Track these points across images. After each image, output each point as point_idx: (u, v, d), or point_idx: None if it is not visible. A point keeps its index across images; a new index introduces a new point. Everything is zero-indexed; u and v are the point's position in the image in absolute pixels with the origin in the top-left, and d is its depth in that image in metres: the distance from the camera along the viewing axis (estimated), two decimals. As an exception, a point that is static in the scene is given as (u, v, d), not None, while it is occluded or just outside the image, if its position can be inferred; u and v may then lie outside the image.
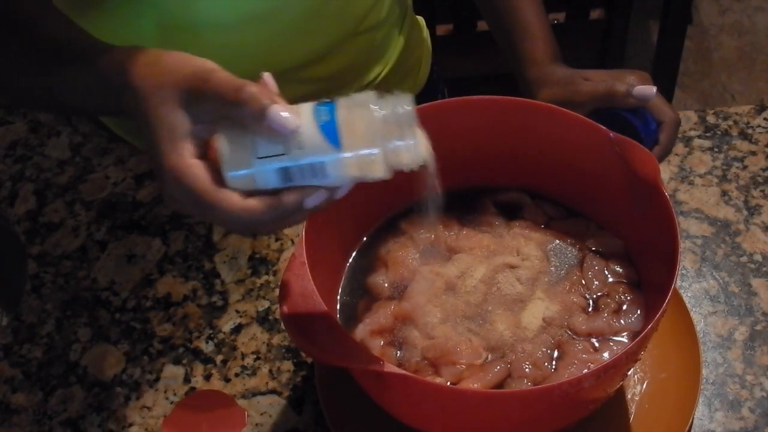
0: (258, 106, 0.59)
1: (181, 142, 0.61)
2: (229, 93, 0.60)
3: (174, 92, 0.62)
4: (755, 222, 0.99)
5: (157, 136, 0.62)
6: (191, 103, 0.62)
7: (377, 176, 0.61)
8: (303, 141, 0.60)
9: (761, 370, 0.88)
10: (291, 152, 0.60)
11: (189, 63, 0.63)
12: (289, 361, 0.91)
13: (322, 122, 0.60)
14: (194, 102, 0.62)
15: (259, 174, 0.61)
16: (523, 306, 0.80)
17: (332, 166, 0.60)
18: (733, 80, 2.35)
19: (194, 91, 0.61)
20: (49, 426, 0.88)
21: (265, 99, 0.59)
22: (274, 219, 0.62)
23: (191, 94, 0.62)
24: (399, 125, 0.61)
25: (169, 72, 0.63)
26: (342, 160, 0.60)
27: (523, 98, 0.85)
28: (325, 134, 0.60)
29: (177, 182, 0.61)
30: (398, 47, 1.11)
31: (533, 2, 0.99)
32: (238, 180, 0.61)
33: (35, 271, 1.00)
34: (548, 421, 0.76)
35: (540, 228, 0.87)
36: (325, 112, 0.60)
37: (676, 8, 1.75)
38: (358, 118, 0.60)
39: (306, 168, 0.60)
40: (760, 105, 1.10)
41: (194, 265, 0.99)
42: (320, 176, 0.60)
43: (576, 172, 0.86)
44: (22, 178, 1.09)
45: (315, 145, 0.59)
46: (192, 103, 0.62)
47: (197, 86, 0.61)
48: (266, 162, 0.60)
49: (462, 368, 0.76)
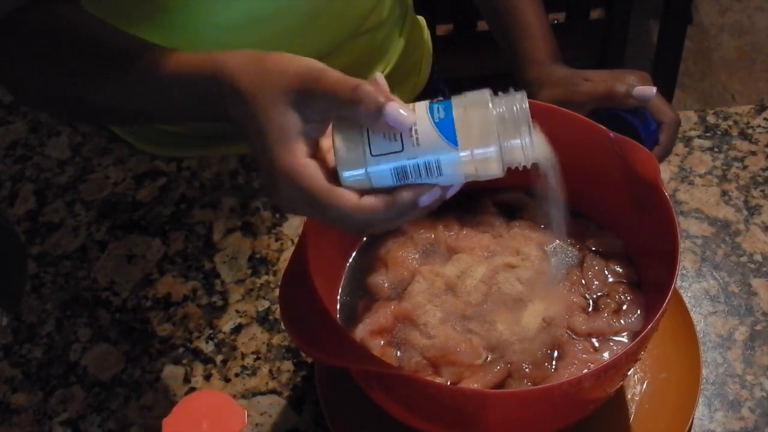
0: (375, 103, 0.59)
1: (294, 143, 0.61)
2: (344, 92, 0.60)
3: (284, 93, 0.61)
4: (755, 222, 0.99)
5: (268, 138, 0.61)
6: (302, 103, 0.61)
7: (492, 174, 0.61)
8: (419, 138, 0.60)
9: (761, 370, 0.88)
10: (407, 149, 0.60)
11: (296, 63, 0.63)
12: (289, 361, 0.91)
13: (437, 120, 0.60)
14: (305, 102, 0.61)
15: (375, 173, 0.60)
16: (523, 306, 0.80)
17: (448, 164, 0.60)
18: (733, 80, 2.35)
19: (305, 91, 0.61)
20: (49, 426, 0.88)
21: (382, 97, 0.59)
22: (390, 218, 0.62)
23: (302, 94, 0.61)
24: (515, 123, 0.61)
25: (276, 73, 0.62)
26: (458, 158, 0.60)
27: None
28: (442, 132, 0.59)
29: (292, 183, 0.61)
30: (399, 47, 1.11)
31: (533, 2, 0.99)
32: (353, 179, 0.61)
33: (35, 271, 1.00)
34: (548, 421, 0.76)
35: (540, 228, 0.87)
36: (441, 110, 0.60)
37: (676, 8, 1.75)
38: (473, 116, 0.60)
39: (422, 166, 0.60)
40: (760, 105, 1.11)
41: (194, 265, 0.99)
42: (435, 174, 0.60)
43: (576, 172, 0.85)
44: (22, 178, 1.09)
45: (431, 142, 0.59)
46: (303, 103, 0.61)
47: (308, 86, 0.61)
48: (382, 160, 0.60)
49: (462, 368, 0.76)
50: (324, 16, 0.96)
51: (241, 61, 0.64)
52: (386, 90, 0.61)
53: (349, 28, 1.00)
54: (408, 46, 1.13)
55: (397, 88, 1.13)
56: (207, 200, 1.04)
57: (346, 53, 1.02)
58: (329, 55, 1.00)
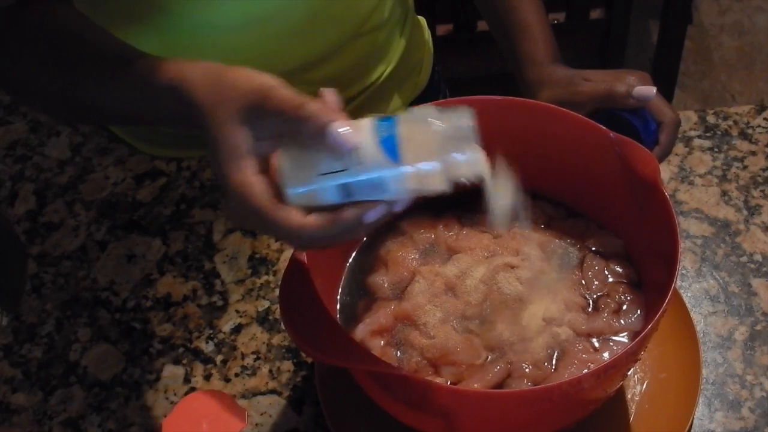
0: (319, 123, 0.60)
1: (244, 160, 0.62)
2: (290, 110, 0.61)
3: (235, 109, 0.62)
4: (755, 222, 0.99)
5: (221, 154, 0.62)
6: (252, 120, 0.62)
7: (437, 189, 0.61)
8: (363, 157, 0.60)
9: (761, 370, 0.88)
10: (351, 168, 0.60)
11: (252, 79, 0.63)
12: (289, 361, 0.91)
13: (382, 138, 0.60)
14: (255, 119, 0.62)
15: (320, 190, 0.61)
16: (523, 306, 0.80)
17: (392, 180, 0.60)
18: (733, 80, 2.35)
19: (255, 109, 0.62)
20: (49, 426, 0.88)
21: (327, 116, 0.60)
22: (335, 234, 0.62)
23: (252, 112, 0.62)
24: (458, 139, 0.61)
25: (231, 89, 0.63)
26: (402, 175, 0.60)
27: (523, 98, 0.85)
28: (385, 149, 0.60)
29: (240, 199, 0.62)
30: (400, 48, 1.11)
31: (533, 2, 0.99)
32: (298, 196, 0.62)
33: (35, 271, 1.00)
34: (548, 421, 0.76)
35: (540, 228, 0.87)
36: (385, 128, 0.61)
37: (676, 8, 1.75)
38: (417, 132, 0.61)
39: (366, 183, 0.61)
40: (760, 105, 1.11)
41: (194, 265, 0.99)
42: (380, 191, 0.61)
43: (576, 172, 0.86)
44: (22, 178, 1.09)
45: (375, 160, 0.60)
46: (253, 120, 0.62)
47: (258, 103, 0.62)
48: (327, 178, 0.61)
49: (462, 368, 0.76)
50: (324, 17, 0.96)
51: (201, 75, 0.65)
52: (334, 107, 0.62)
53: (350, 29, 1.00)
54: (409, 47, 1.13)
55: (397, 89, 1.13)
56: (207, 200, 1.04)
57: (346, 54, 1.02)
58: (330, 56, 1.00)
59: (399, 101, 1.13)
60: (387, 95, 1.12)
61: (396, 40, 1.10)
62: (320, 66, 1.00)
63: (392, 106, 1.12)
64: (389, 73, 1.10)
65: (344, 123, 0.60)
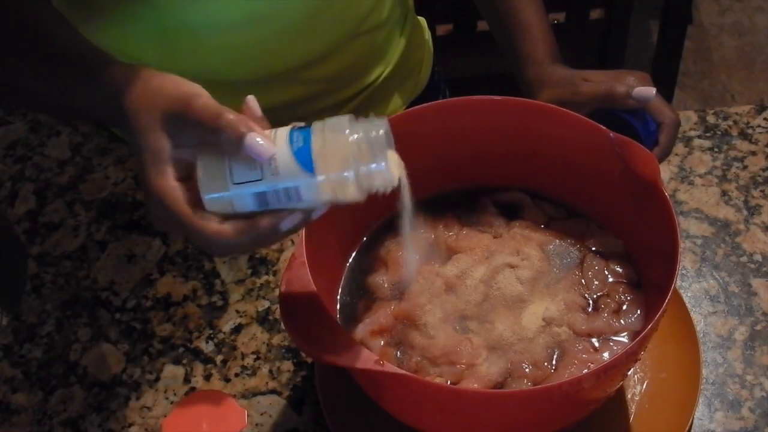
0: (235, 133, 0.61)
1: (164, 165, 0.63)
2: (208, 120, 0.62)
3: (158, 116, 0.64)
4: (755, 222, 0.99)
5: (143, 158, 0.64)
6: (173, 127, 0.64)
7: (350, 199, 0.63)
8: (278, 167, 0.61)
9: (761, 370, 0.88)
10: (267, 178, 0.62)
11: (175, 86, 0.65)
12: (289, 361, 0.91)
13: (296, 148, 0.62)
14: (176, 127, 0.63)
15: (236, 198, 0.63)
16: (523, 306, 0.80)
17: (306, 190, 0.62)
18: (733, 80, 2.35)
19: (176, 116, 0.63)
20: (49, 426, 0.88)
21: (243, 127, 0.61)
22: (250, 242, 0.64)
23: (173, 119, 0.63)
24: (371, 149, 0.62)
25: (156, 95, 0.65)
26: (315, 185, 0.62)
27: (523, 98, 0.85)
28: (299, 160, 0.61)
29: (160, 204, 0.63)
30: (399, 48, 1.11)
31: (533, 2, 0.99)
32: (215, 203, 0.63)
33: (35, 271, 1.00)
34: (548, 421, 0.76)
35: (540, 228, 0.87)
36: (300, 138, 0.62)
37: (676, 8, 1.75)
38: (331, 142, 0.62)
39: (281, 192, 0.62)
40: (760, 105, 1.11)
41: (194, 265, 0.99)
42: (295, 200, 0.62)
43: (576, 172, 0.86)
44: (22, 178, 1.09)
45: (289, 170, 0.61)
46: (174, 128, 0.64)
47: (179, 111, 0.63)
48: (243, 187, 0.62)
49: (462, 368, 0.76)
50: (322, 16, 0.96)
51: (131, 80, 0.67)
52: (255, 115, 0.64)
53: (348, 29, 1.00)
54: (408, 47, 1.13)
55: (397, 89, 1.13)
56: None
57: (345, 54, 1.02)
58: (329, 55, 1.00)
59: (399, 101, 1.13)
60: (387, 95, 1.12)
61: (395, 40, 1.10)
62: (319, 65, 1.00)
63: (392, 106, 1.12)
64: (389, 73, 1.10)
65: (260, 133, 0.61)
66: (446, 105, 0.85)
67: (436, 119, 0.84)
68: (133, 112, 0.65)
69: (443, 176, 0.88)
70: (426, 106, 0.84)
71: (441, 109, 0.84)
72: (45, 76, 0.76)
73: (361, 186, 0.63)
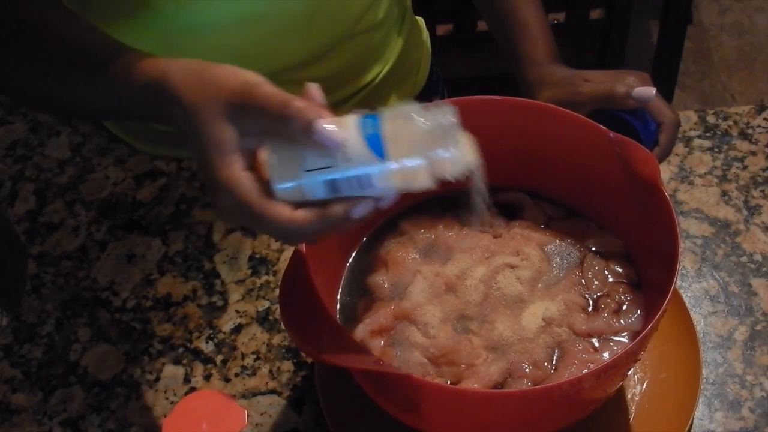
0: (304, 120, 0.60)
1: (231, 156, 0.62)
2: (275, 108, 0.61)
3: (220, 106, 0.62)
4: (755, 222, 1.00)
5: (207, 150, 0.63)
6: (237, 116, 0.62)
7: (422, 187, 0.62)
8: (349, 154, 0.61)
9: (761, 370, 0.88)
10: (338, 165, 0.61)
11: (235, 76, 0.63)
12: (289, 361, 0.91)
13: (367, 135, 0.61)
14: (240, 116, 0.62)
15: (307, 186, 0.62)
16: (523, 306, 0.80)
17: (378, 177, 0.61)
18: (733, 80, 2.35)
19: (240, 106, 0.62)
20: (49, 426, 0.88)
21: (312, 113, 0.60)
22: (322, 229, 0.63)
23: (237, 108, 0.62)
24: (443, 136, 0.62)
25: (214, 85, 0.63)
26: (387, 172, 0.61)
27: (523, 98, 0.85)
28: (371, 146, 0.61)
29: (228, 194, 0.62)
30: (397, 48, 1.11)
31: (533, 3, 0.99)
32: (286, 192, 0.62)
33: (35, 271, 1.00)
34: (548, 421, 0.76)
35: (540, 228, 0.87)
36: (371, 125, 0.61)
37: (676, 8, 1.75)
38: (402, 129, 0.61)
39: (353, 180, 0.61)
40: (760, 105, 1.11)
41: (194, 265, 0.99)
42: (366, 187, 0.61)
43: (576, 172, 0.86)
44: (22, 178, 1.09)
45: (361, 157, 0.61)
46: (238, 117, 0.62)
47: (243, 101, 0.62)
48: (314, 174, 0.61)
49: (462, 368, 0.76)
50: (318, 16, 0.96)
51: (183, 71, 0.66)
52: (319, 103, 0.62)
53: (344, 29, 1.00)
54: (406, 47, 1.13)
55: (395, 89, 1.13)
56: (207, 200, 1.04)
57: (341, 54, 1.02)
58: (325, 55, 1.00)
59: (396, 101, 1.14)
60: (384, 95, 1.12)
61: (393, 40, 1.10)
62: (314, 65, 1.00)
63: (390, 107, 1.13)
64: (386, 73, 1.10)
65: (330, 120, 0.60)
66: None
67: (436, 119, 0.84)
68: (191, 105, 0.64)
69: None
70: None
71: (441, 109, 0.84)
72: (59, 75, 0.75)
73: (433, 173, 0.62)
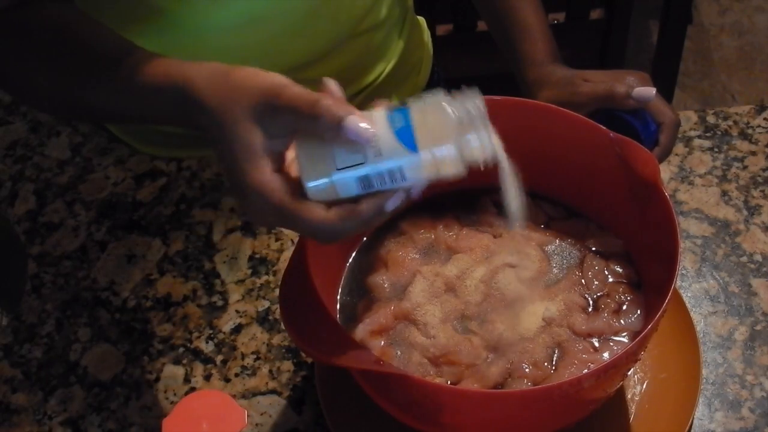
0: (335, 118, 0.60)
1: (260, 159, 0.62)
2: (305, 107, 0.61)
3: (247, 109, 0.63)
4: (755, 222, 0.99)
5: (235, 154, 0.63)
6: (265, 118, 0.62)
7: (453, 173, 0.62)
8: (380, 148, 0.61)
9: (761, 370, 0.88)
10: (370, 160, 0.61)
11: (260, 79, 0.63)
12: (289, 361, 0.91)
13: (397, 128, 0.61)
14: (268, 118, 0.62)
15: (340, 183, 0.62)
16: (523, 306, 0.80)
17: (410, 169, 0.61)
18: (733, 80, 2.35)
19: (268, 107, 0.62)
20: (49, 426, 0.88)
21: (341, 110, 0.61)
22: (357, 225, 0.63)
23: (265, 111, 0.62)
24: (471, 122, 0.62)
25: (240, 88, 0.63)
26: (419, 163, 0.61)
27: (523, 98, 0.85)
28: (401, 139, 0.61)
29: (261, 198, 0.62)
30: (398, 48, 1.11)
31: (532, 2, 0.99)
32: (318, 190, 0.62)
33: (35, 271, 1.00)
34: (548, 421, 0.76)
35: (540, 228, 0.87)
36: (400, 118, 0.62)
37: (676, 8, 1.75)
38: (431, 119, 0.62)
39: (385, 174, 0.62)
40: (760, 105, 1.11)
41: (194, 265, 0.99)
42: (398, 180, 0.62)
43: (576, 172, 0.86)
44: (22, 178, 1.09)
45: (392, 150, 0.61)
46: (266, 119, 0.62)
47: (270, 102, 0.62)
48: (346, 171, 0.62)
49: (462, 368, 0.76)
50: (319, 17, 0.96)
51: (208, 75, 0.66)
52: (340, 97, 0.63)
53: (346, 30, 1.00)
54: (407, 47, 1.13)
55: (396, 89, 1.13)
56: (207, 200, 1.04)
57: (342, 54, 1.02)
58: (327, 55, 1.00)
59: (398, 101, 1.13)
60: (386, 96, 1.12)
61: (394, 40, 1.10)
62: (317, 65, 1.00)
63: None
64: (387, 73, 1.10)
65: (359, 116, 0.61)
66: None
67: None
68: (217, 107, 0.64)
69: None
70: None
71: (441, 109, 0.84)
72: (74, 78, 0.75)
73: (462, 159, 0.62)
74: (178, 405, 0.72)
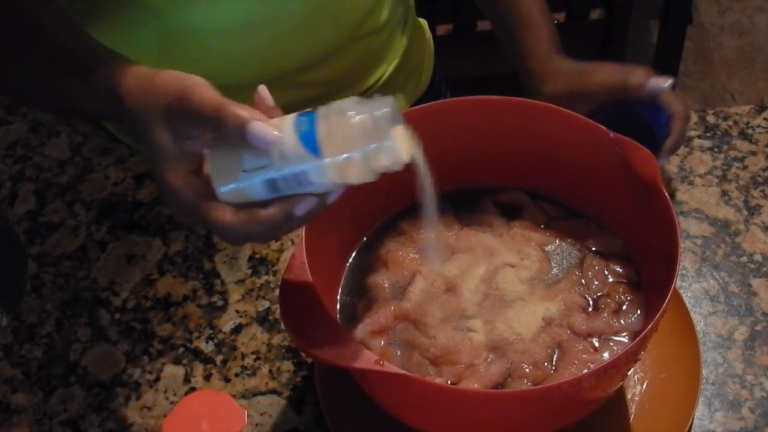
0: (238, 123, 0.61)
1: (173, 161, 0.64)
2: (210, 112, 0.62)
3: (159, 112, 0.64)
4: (755, 222, 0.99)
5: (153, 156, 0.64)
6: (176, 122, 0.63)
7: (360, 180, 0.62)
8: (285, 152, 0.61)
9: (761, 370, 0.88)
10: (275, 164, 0.62)
11: (175, 81, 0.64)
12: (289, 361, 0.91)
13: (301, 132, 0.62)
14: (179, 121, 0.63)
15: (248, 187, 0.63)
16: (523, 306, 0.80)
17: (314, 173, 0.62)
18: (733, 80, 2.35)
19: (177, 111, 0.63)
20: (49, 426, 0.88)
21: (246, 115, 0.61)
22: (268, 229, 0.64)
23: (174, 115, 0.63)
24: (377, 128, 0.62)
25: (156, 90, 0.64)
26: (323, 167, 0.61)
27: (524, 97, 0.85)
28: (305, 143, 0.61)
29: (175, 197, 0.64)
30: (400, 50, 1.11)
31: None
32: (229, 194, 0.63)
33: (35, 271, 1.00)
34: (548, 421, 0.76)
35: (540, 228, 0.87)
36: (305, 123, 0.62)
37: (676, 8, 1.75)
38: (336, 124, 0.62)
39: (290, 177, 0.62)
40: (760, 105, 1.11)
41: (194, 265, 0.99)
42: (306, 184, 0.62)
43: (576, 172, 0.86)
44: (22, 178, 1.09)
45: (296, 154, 0.61)
46: (177, 122, 0.63)
47: (178, 106, 0.63)
48: (253, 174, 0.62)
49: (462, 368, 0.76)
50: (319, 20, 0.96)
51: (134, 79, 0.67)
52: (269, 104, 0.64)
53: (346, 33, 1.00)
54: (409, 49, 1.13)
55: (399, 91, 1.13)
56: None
57: (344, 57, 1.02)
58: (328, 58, 1.00)
59: (401, 103, 1.13)
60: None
61: (396, 42, 1.10)
62: (318, 68, 1.00)
63: (394, 108, 1.12)
64: (389, 75, 1.10)
65: (264, 121, 0.61)
66: (446, 105, 0.85)
67: (436, 119, 0.84)
68: (136, 110, 0.65)
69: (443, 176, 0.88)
70: (426, 106, 0.84)
71: (441, 110, 0.84)
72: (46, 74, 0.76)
73: (368, 166, 0.62)
74: (178, 405, 0.72)
